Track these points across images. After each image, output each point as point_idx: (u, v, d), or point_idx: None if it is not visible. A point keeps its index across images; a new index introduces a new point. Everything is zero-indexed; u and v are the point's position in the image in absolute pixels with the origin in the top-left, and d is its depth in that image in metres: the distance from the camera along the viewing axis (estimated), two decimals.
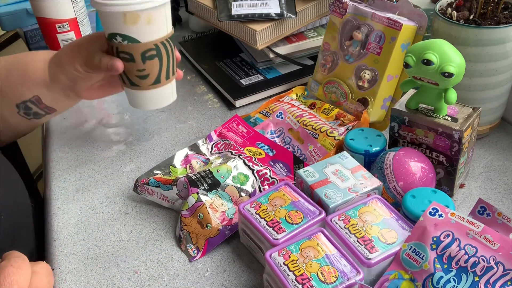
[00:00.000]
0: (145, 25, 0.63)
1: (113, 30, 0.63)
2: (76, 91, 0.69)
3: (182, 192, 0.62)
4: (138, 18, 0.62)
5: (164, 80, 0.68)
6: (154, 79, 0.67)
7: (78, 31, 0.93)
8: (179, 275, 0.55)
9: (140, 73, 0.66)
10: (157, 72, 0.66)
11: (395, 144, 0.63)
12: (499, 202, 0.61)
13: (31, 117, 0.69)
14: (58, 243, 0.60)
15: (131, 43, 0.63)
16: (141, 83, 0.67)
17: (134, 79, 0.66)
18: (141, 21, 0.62)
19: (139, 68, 0.65)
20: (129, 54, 0.64)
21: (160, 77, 0.67)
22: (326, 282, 0.46)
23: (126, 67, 0.65)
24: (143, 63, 0.65)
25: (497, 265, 0.44)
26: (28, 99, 0.67)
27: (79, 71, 0.66)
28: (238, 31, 0.87)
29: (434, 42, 0.54)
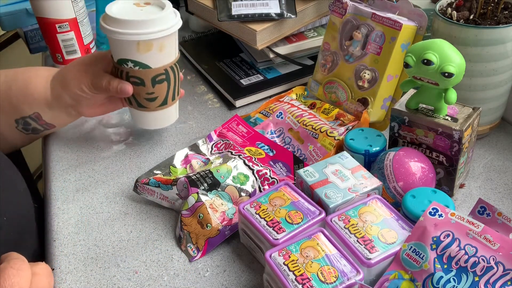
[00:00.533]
0: (157, 52, 0.65)
1: (125, 56, 0.65)
2: (78, 109, 0.70)
3: (182, 192, 0.62)
4: (152, 46, 0.64)
5: (170, 101, 0.70)
6: (162, 101, 0.69)
7: (78, 31, 0.93)
8: (179, 275, 0.55)
9: (149, 96, 0.68)
10: (165, 95, 0.69)
11: (395, 144, 0.63)
12: (499, 202, 0.61)
13: (29, 132, 0.69)
14: (58, 243, 0.60)
15: (143, 69, 0.65)
16: (149, 105, 0.69)
17: (143, 101, 0.68)
18: (154, 49, 0.64)
19: (148, 92, 0.67)
20: (139, 79, 0.66)
21: (167, 99, 0.69)
22: (326, 282, 0.46)
23: (135, 90, 0.67)
24: (153, 87, 0.67)
25: (497, 265, 0.44)
26: (28, 115, 0.67)
27: (84, 92, 0.67)
28: (238, 31, 0.87)
29: (434, 42, 0.54)
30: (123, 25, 0.62)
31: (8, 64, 1.63)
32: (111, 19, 0.63)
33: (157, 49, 0.64)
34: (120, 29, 0.62)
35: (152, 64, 0.65)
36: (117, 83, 0.65)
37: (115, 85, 0.65)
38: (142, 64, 0.65)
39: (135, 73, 0.66)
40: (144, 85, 0.67)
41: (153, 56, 0.65)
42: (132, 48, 0.63)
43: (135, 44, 0.63)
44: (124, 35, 0.62)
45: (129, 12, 0.65)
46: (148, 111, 0.70)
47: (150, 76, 0.66)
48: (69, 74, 0.67)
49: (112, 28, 0.63)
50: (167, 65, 0.67)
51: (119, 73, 0.67)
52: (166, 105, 0.70)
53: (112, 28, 0.63)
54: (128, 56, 0.64)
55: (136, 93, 0.68)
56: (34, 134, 0.70)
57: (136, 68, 0.65)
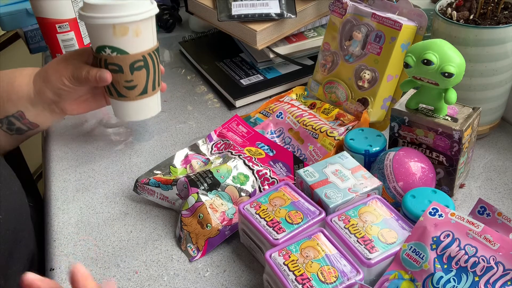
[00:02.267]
0: (134, 37, 0.65)
1: (102, 43, 0.65)
2: (60, 106, 0.71)
3: (182, 192, 0.62)
4: (127, 30, 0.64)
5: (150, 91, 0.70)
6: (142, 90, 0.69)
7: (78, 31, 0.93)
8: (179, 275, 0.55)
9: (128, 84, 0.68)
10: (144, 83, 0.69)
11: (395, 144, 0.63)
12: (499, 202, 0.61)
13: (13, 132, 0.69)
14: (58, 243, 0.60)
15: (120, 55, 0.66)
16: (128, 94, 0.69)
17: (122, 90, 0.69)
18: (130, 33, 0.65)
19: (127, 79, 0.67)
20: (118, 65, 0.66)
21: (147, 88, 0.70)
22: (326, 282, 0.46)
23: (114, 78, 0.67)
24: (131, 74, 0.67)
25: (497, 265, 0.44)
26: (12, 114, 0.68)
27: (65, 84, 0.67)
28: (238, 31, 0.87)
29: (434, 42, 0.54)
30: (98, 9, 0.63)
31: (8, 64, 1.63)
32: (88, 6, 0.64)
33: (133, 33, 0.65)
34: (95, 14, 0.63)
35: (130, 50, 0.66)
36: (96, 71, 0.66)
37: (94, 73, 0.66)
38: (119, 49, 0.65)
39: (113, 60, 0.66)
40: (123, 72, 0.67)
41: (130, 41, 0.65)
42: (108, 33, 0.64)
43: (110, 28, 0.64)
44: (100, 19, 0.63)
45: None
46: (128, 101, 0.70)
47: (128, 62, 0.66)
48: (50, 69, 0.68)
49: (88, 13, 0.64)
50: (145, 51, 0.67)
51: (98, 62, 0.68)
52: (146, 94, 0.70)
53: (88, 14, 0.64)
54: (106, 42, 0.65)
55: (115, 81, 0.68)
56: (18, 135, 0.70)
57: (114, 54, 0.66)
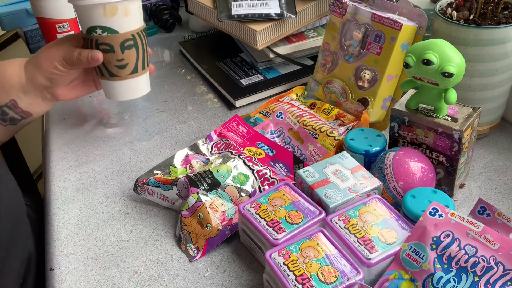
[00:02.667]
0: (123, 16, 0.67)
1: (93, 23, 0.67)
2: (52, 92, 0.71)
3: (182, 192, 0.62)
4: (117, 9, 0.67)
5: (140, 69, 0.73)
6: (132, 69, 0.72)
7: (78, 31, 0.93)
8: (179, 275, 0.55)
9: (119, 63, 0.70)
10: (135, 62, 0.71)
11: (395, 144, 0.63)
12: (499, 202, 0.61)
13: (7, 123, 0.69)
14: (58, 243, 0.60)
15: (111, 34, 0.68)
16: (120, 73, 0.71)
17: (114, 69, 0.71)
18: (119, 12, 0.67)
19: (118, 58, 0.70)
20: (109, 45, 0.68)
21: (137, 67, 0.72)
22: (326, 282, 0.46)
23: (105, 58, 0.69)
24: (122, 53, 0.69)
25: (497, 265, 0.44)
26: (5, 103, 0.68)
27: (58, 68, 0.69)
28: (238, 31, 0.87)
29: (434, 42, 0.54)
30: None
31: None
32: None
33: (123, 13, 0.67)
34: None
35: (120, 29, 0.68)
36: (88, 52, 0.68)
37: (86, 54, 0.67)
38: (109, 29, 0.68)
39: (104, 39, 0.68)
40: (114, 51, 0.69)
41: (120, 20, 0.68)
42: (99, 13, 0.66)
43: (101, 8, 0.66)
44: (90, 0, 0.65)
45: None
46: (120, 80, 0.72)
47: (118, 41, 0.69)
48: (41, 55, 0.69)
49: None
50: (134, 30, 0.69)
51: (89, 43, 0.70)
52: (137, 73, 0.72)
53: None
54: (96, 22, 0.67)
55: (107, 61, 0.70)
56: (11, 125, 0.70)
57: (105, 34, 0.68)
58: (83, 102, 0.89)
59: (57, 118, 0.84)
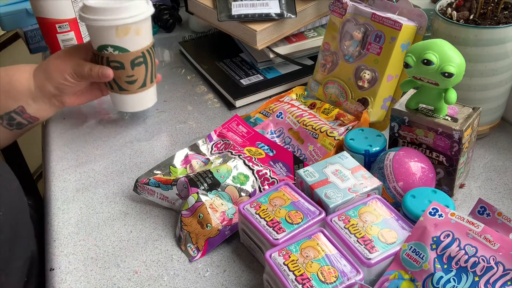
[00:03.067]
0: (135, 36, 0.70)
1: (105, 42, 0.69)
2: (60, 99, 0.73)
3: (182, 192, 0.62)
4: (129, 30, 0.68)
5: (149, 83, 0.76)
6: (141, 83, 0.74)
7: (78, 31, 0.93)
8: (179, 275, 0.55)
9: (129, 78, 0.73)
10: (144, 77, 0.74)
11: (395, 144, 0.63)
12: (499, 202, 0.61)
13: (13, 127, 0.71)
14: (58, 243, 0.60)
15: (122, 53, 0.70)
16: (129, 88, 0.74)
17: (124, 84, 0.73)
18: (131, 32, 0.69)
19: (128, 74, 0.72)
20: (119, 62, 0.71)
21: (146, 81, 0.75)
22: (326, 282, 0.46)
23: (116, 74, 0.72)
24: (132, 69, 0.72)
25: (497, 265, 0.44)
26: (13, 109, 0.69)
27: (68, 80, 0.70)
28: (238, 31, 0.87)
29: (434, 42, 0.54)
30: (102, 12, 0.67)
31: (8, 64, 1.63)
32: (90, 9, 0.68)
33: (134, 32, 0.69)
34: (99, 16, 0.67)
35: (131, 48, 0.70)
36: (98, 68, 0.69)
37: (96, 71, 0.69)
38: (121, 48, 0.70)
39: (115, 58, 0.70)
40: (124, 68, 0.71)
41: (131, 40, 0.70)
42: (111, 33, 0.68)
43: (114, 29, 0.67)
44: (104, 21, 0.67)
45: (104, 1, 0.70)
46: (129, 94, 0.75)
47: (129, 59, 0.71)
48: (52, 66, 0.70)
49: (91, 16, 0.67)
50: (144, 48, 0.72)
51: (99, 59, 0.71)
52: (146, 87, 0.75)
53: (91, 16, 0.67)
54: (108, 42, 0.69)
55: (117, 77, 0.72)
56: (17, 129, 0.72)
57: (116, 53, 0.70)
58: None
59: (57, 118, 0.84)
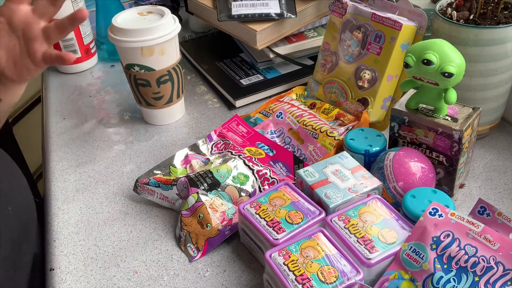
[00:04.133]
0: (159, 56, 0.72)
1: (131, 61, 0.73)
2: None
3: (182, 192, 0.62)
4: (154, 51, 0.72)
5: (175, 99, 0.78)
6: (168, 99, 0.77)
7: (78, 31, 0.93)
8: (179, 275, 0.55)
9: (155, 95, 0.76)
10: (170, 93, 0.77)
11: (395, 144, 0.63)
12: (499, 202, 0.61)
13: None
14: (58, 243, 0.60)
15: (148, 72, 0.73)
16: (156, 104, 0.77)
17: (150, 100, 0.77)
18: (156, 53, 0.72)
19: (154, 91, 0.75)
20: (146, 80, 0.74)
21: (172, 97, 0.78)
22: (326, 282, 0.46)
23: (143, 91, 0.76)
24: (158, 87, 0.75)
25: (497, 265, 0.44)
26: None
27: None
28: (238, 31, 0.87)
29: (434, 42, 0.54)
30: (127, 34, 0.70)
31: None
32: (117, 29, 0.71)
33: (159, 53, 0.72)
34: (124, 37, 0.71)
35: (156, 67, 0.73)
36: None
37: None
38: (146, 67, 0.73)
39: (141, 76, 0.74)
40: (150, 86, 0.74)
41: (156, 60, 0.72)
42: (137, 54, 0.71)
43: (138, 50, 0.71)
44: (129, 43, 0.71)
45: (134, 21, 0.73)
46: (156, 109, 0.78)
47: (155, 78, 0.73)
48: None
49: (118, 37, 0.71)
50: (169, 66, 0.74)
51: (128, 76, 0.76)
52: (172, 102, 0.78)
53: (118, 37, 0.71)
54: (134, 61, 0.72)
55: (144, 93, 0.76)
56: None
57: (142, 71, 0.73)
58: (83, 102, 0.89)
59: (57, 118, 0.84)
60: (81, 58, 0.96)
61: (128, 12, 0.76)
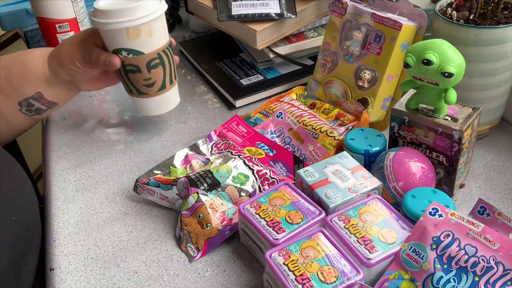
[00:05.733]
0: (147, 37, 0.67)
1: (117, 46, 0.68)
2: (76, 84, 0.72)
3: (182, 192, 0.62)
4: (140, 32, 0.66)
5: (168, 85, 0.73)
6: (160, 86, 0.72)
7: (78, 31, 0.93)
8: (179, 275, 0.55)
9: (146, 82, 0.70)
10: (162, 79, 0.71)
11: (395, 144, 0.63)
12: (499, 202, 0.61)
13: (33, 113, 0.71)
14: (58, 243, 0.60)
15: (136, 56, 0.68)
16: (148, 91, 0.72)
17: (142, 88, 0.71)
18: (143, 34, 0.67)
19: (145, 78, 0.70)
20: (135, 66, 0.69)
21: (165, 83, 0.72)
22: (326, 282, 0.46)
23: (133, 78, 0.70)
24: (149, 72, 0.69)
25: (497, 265, 0.44)
26: (31, 96, 0.69)
27: (78, 67, 0.69)
28: (238, 31, 0.87)
29: (434, 42, 0.54)
30: (110, 15, 0.65)
31: None
32: (99, 12, 0.66)
33: (147, 34, 0.67)
34: (108, 19, 0.65)
35: (145, 50, 0.68)
36: (105, 56, 0.67)
37: (103, 58, 0.67)
38: (134, 51, 0.67)
39: (130, 61, 0.68)
40: (141, 72, 0.69)
41: (144, 42, 0.67)
42: (123, 36, 0.66)
43: (124, 32, 0.65)
44: (113, 25, 0.65)
45: (115, 3, 0.67)
46: (149, 97, 0.73)
47: (144, 62, 0.68)
48: (63, 51, 0.70)
49: (101, 20, 0.65)
50: (159, 49, 0.69)
51: None
52: (165, 89, 0.73)
53: (101, 20, 0.65)
54: (121, 45, 0.67)
55: (134, 80, 0.70)
56: (37, 115, 0.72)
57: (130, 56, 0.68)
58: (83, 102, 0.89)
59: (57, 118, 0.84)
60: None
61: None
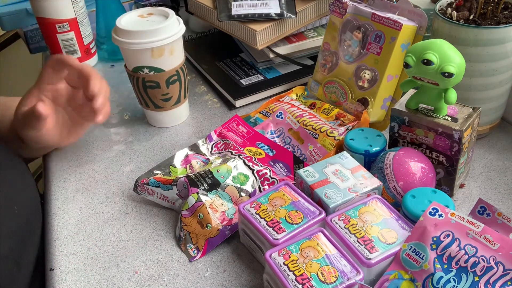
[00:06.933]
0: (169, 55, 0.72)
1: (140, 64, 0.72)
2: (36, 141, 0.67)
3: (182, 192, 0.62)
4: (164, 51, 0.71)
5: (182, 99, 0.78)
6: (176, 100, 0.77)
7: (78, 31, 0.93)
8: (179, 275, 0.55)
9: (164, 96, 0.75)
10: (178, 94, 0.76)
11: (395, 144, 0.63)
12: (499, 202, 0.61)
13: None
14: (58, 243, 0.60)
15: (157, 73, 0.72)
16: (165, 105, 0.77)
17: (159, 102, 0.76)
18: (165, 53, 0.71)
19: (163, 93, 0.75)
20: (155, 82, 0.73)
21: (180, 97, 0.77)
22: (326, 282, 0.46)
23: (151, 93, 0.75)
24: (167, 87, 0.74)
25: (497, 265, 0.44)
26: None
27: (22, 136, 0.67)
28: (238, 31, 0.87)
29: (434, 42, 0.54)
30: (136, 35, 0.70)
31: (8, 64, 1.63)
32: (124, 32, 0.70)
33: (169, 53, 0.72)
34: (134, 39, 0.70)
35: (165, 67, 0.73)
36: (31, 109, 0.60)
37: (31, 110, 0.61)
38: (156, 68, 0.72)
39: (151, 78, 0.73)
40: (160, 87, 0.74)
41: (166, 60, 0.72)
42: (147, 55, 0.71)
43: (149, 51, 0.70)
44: (139, 45, 0.69)
45: (137, 23, 0.73)
46: (164, 111, 0.77)
47: (164, 78, 0.73)
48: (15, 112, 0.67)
49: (126, 39, 0.70)
50: (177, 66, 0.74)
51: (135, 80, 0.74)
52: (180, 103, 0.78)
53: (127, 40, 0.70)
54: (143, 63, 0.72)
55: (153, 95, 0.75)
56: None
57: (152, 73, 0.72)
58: None
59: None
60: (81, 58, 0.96)
61: (129, 14, 0.75)
